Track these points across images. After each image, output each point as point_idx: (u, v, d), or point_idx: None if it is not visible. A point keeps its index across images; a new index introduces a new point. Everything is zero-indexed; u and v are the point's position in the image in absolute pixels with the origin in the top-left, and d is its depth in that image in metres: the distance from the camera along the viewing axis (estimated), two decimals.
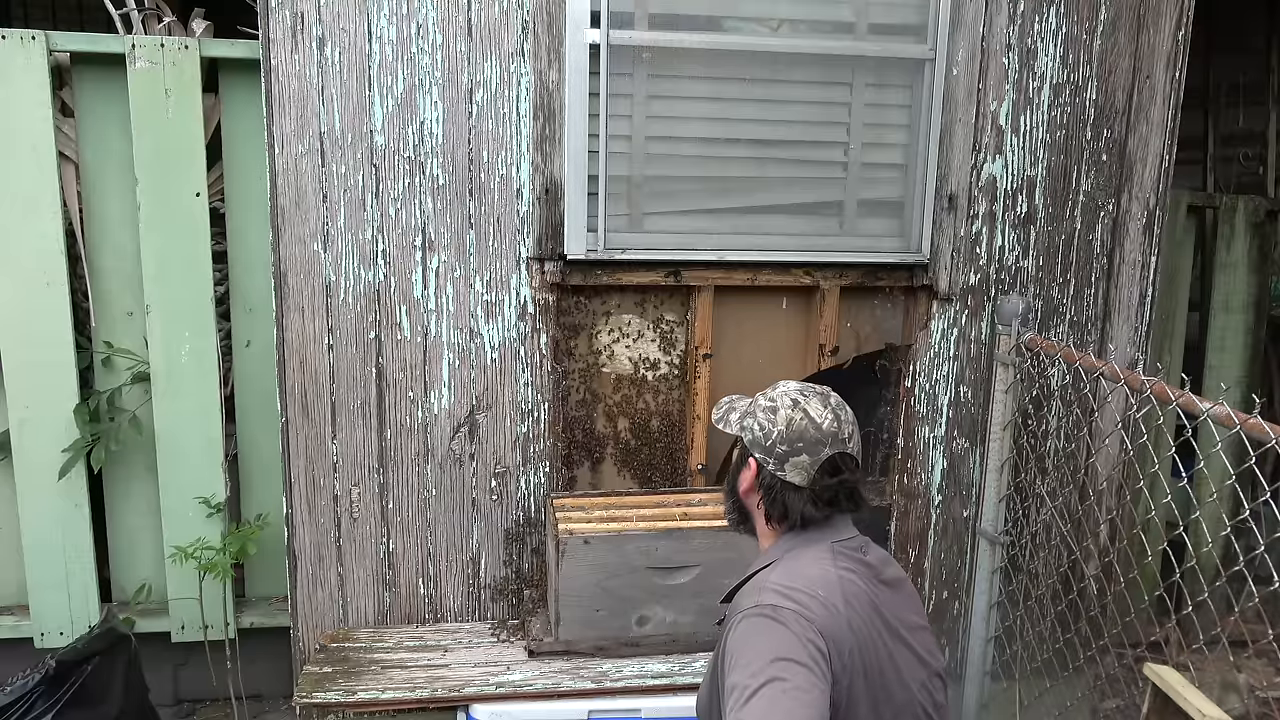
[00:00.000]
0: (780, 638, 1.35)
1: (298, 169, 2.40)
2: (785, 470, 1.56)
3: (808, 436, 1.56)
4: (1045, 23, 2.64)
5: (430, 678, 2.34)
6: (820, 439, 1.56)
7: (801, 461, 1.55)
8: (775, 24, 2.57)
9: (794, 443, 1.56)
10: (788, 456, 1.56)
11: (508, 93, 2.44)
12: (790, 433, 1.56)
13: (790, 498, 1.56)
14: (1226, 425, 1.79)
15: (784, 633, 1.35)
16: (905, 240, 2.70)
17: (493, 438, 2.60)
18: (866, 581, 1.51)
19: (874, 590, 1.51)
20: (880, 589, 1.53)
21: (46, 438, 2.73)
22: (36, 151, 2.62)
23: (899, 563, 2.83)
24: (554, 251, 2.52)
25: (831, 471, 1.56)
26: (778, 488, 1.57)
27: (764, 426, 1.58)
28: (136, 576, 2.94)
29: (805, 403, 1.59)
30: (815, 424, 1.57)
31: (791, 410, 1.58)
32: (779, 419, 1.58)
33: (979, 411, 2.81)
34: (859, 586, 1.48)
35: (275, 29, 2.34)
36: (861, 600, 1.46)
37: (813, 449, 1.56)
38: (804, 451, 1.55)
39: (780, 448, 1.56)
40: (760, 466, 1.59)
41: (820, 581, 1.45)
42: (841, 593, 1.44)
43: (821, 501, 1.56)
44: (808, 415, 1.57)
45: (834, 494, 1.57)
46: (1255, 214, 3.56)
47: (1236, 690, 3.07)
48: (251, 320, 2.84)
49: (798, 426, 1.56)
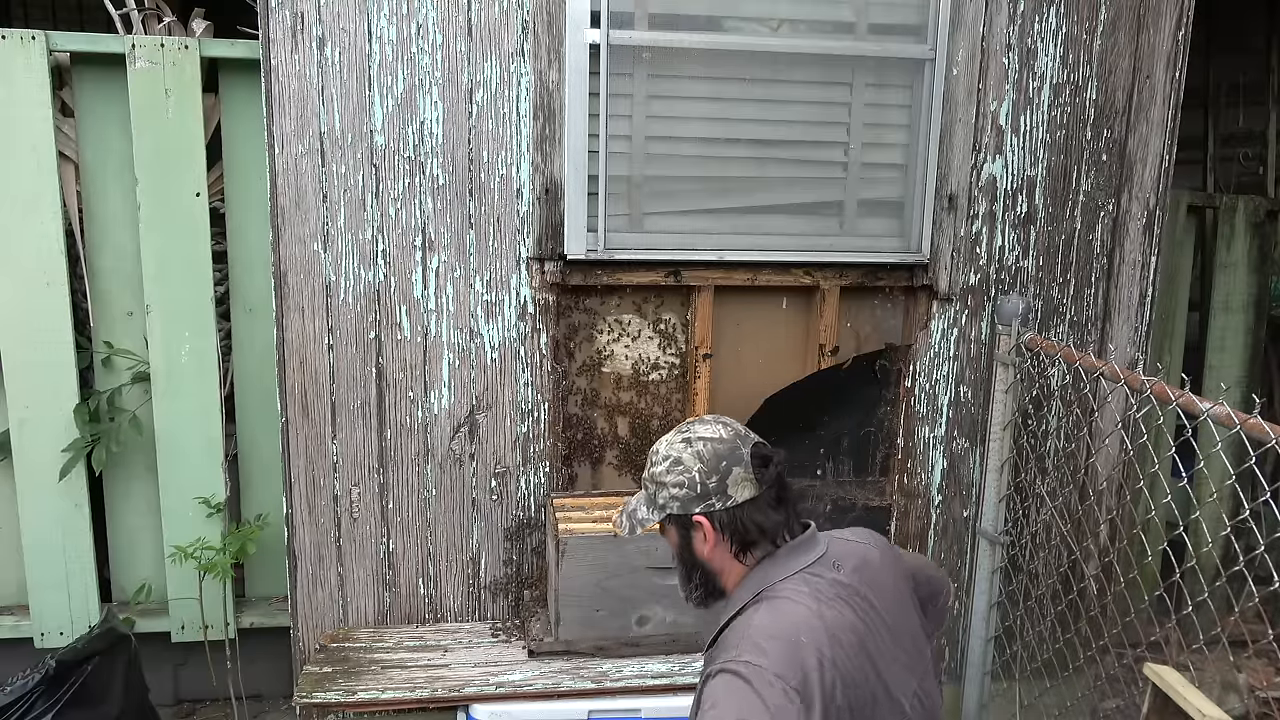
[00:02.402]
0: (749, 707, 1.32)
1: (298, 169, 2.40)
2: (732, 494, 1.52)
3: (722, 452, 1.53)
4: (1045, 23, 2.64)
5: (430, 678, 2.34)
6: (732, 445, 1.54)
7: (738, 475, 1.52)
8: (775, 24, 2.57)
9: (717, 466, 1.52)
10: (724, 481, 1.52)
11: (508, 93, 2.44)
12: (708, 463, 1.52)
13: (754, 515, 1.52)
14: (1226, 425, 1.79)
15: (754, 702, 1.32)
16: (905, 240, 2.70)
17: (493, 438, 2.60)
18: (849, 605, 1.46)
19: (858, 612, 1.46)
20: (863, 605, 1.48)
21: (46, 438, 2.73)
22: (36, 151, 2.62)
23: None
24: (554, 251, 2.52)
25: (764, 463, 1.54)
26: (740, 515, 1.52)
27: (683, 482, 1.53)
28: (136, 576, 2.94)
29: (692, 433, 1.56)
30: (717, 439, 1.54)
31: (688, 448, 1.54)
32: (688, 463, 1.53)
33: (979, 411, 2.81)
34: (844, 618, 1.44)
35: (275, 29, 2.34)
36: (846, 632, 1.42)
37: (735, 458, 1.53)
38: (732, 465, 1.52)
39: (712, 480, 1.52)
40: (710, 516, 1.52)
41: (804, 625, 1.40)
42: (825, 632, 1.40)
43: (775, 501, 1.54)
44: (704, 439, 1.54)
45: (778, 487, 1.54)
46: (1255, 214, 3.56)
47: (1236, 690, 3.07)
48: (251, 320, 2.84)
49: (708, 452, 1.53)
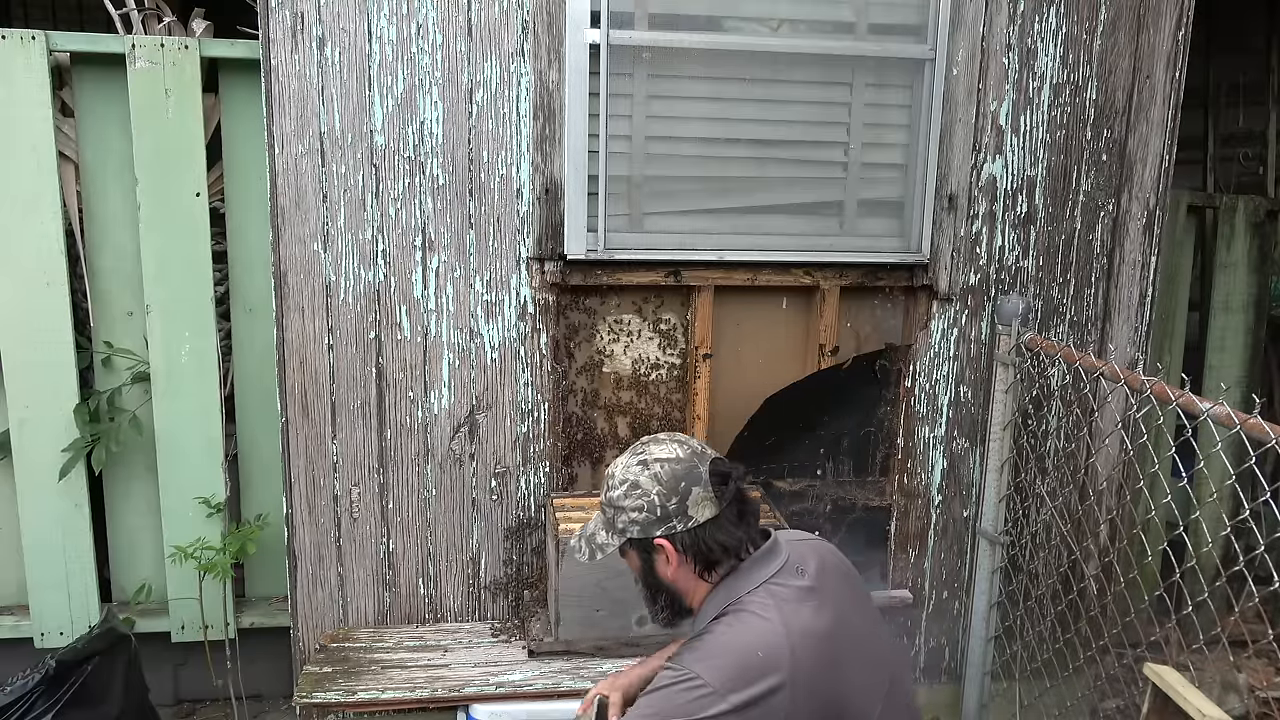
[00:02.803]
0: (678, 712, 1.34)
1: (298, 169, 2.40)
2: (693, 514, 1.50)
3: (680, 472, 1.51)
4: (1045, 23, 2.64)
5: (430, 678, 2.34)
6: (690, 464, 1.52)
7: (698, 495, 1.51)
8: (775, 24, 2.57)
9: (676, 487, 1.51)
10: (684, 502, 1.50)
11: (508, 93, 2.44)
12: (666, 484, 1.51)
13: (716, 534, 1.51)
14: (1226, 425, 1.79)
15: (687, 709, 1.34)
16: (905, 240, 2.70)
17: (493, 438, 2.60)
18: (817, 610, 1.46)
19: (826, 615, 1.46)
20: (830, 607, 1.48)
21: (46, 438, 2.73)
22: (36, 151, 2.62)
23: (900, 562, 2.85)
24: (554, 251, 2.52)
25: (723, 480, 1.53)
26: (702, 535, 1.51)
27: (642, 505, 1.51)
28: (136, 576, 2.94)
29: (649, 455, 1.54)
30: (674, 459, 1.53)
31: (645, 470, 1.53)
32: (646, 486, 1.51)
33: (979, 411, 2.81)
34: (812, 625, 1.43)
35: (275, 29, 2.34)
36: (814, 640, 1.42)
37: (694, 477, 1.51)
38: (691, 485, 1.51)
39: (671, 502, 1.50)
40: (671, 537, 1.51)
41: (765, 640, 1.40)
42: (789, 645, 1.40)
43: (737, 517, 1.53)
44: (661, 460, 1.53)
45: (738, 503, 1.53)
46: (1255, 214, 3.56)
47: (1236, 690, 3.07)
48: (251, 320, 2.84)
49: (666, 474, 1.51)
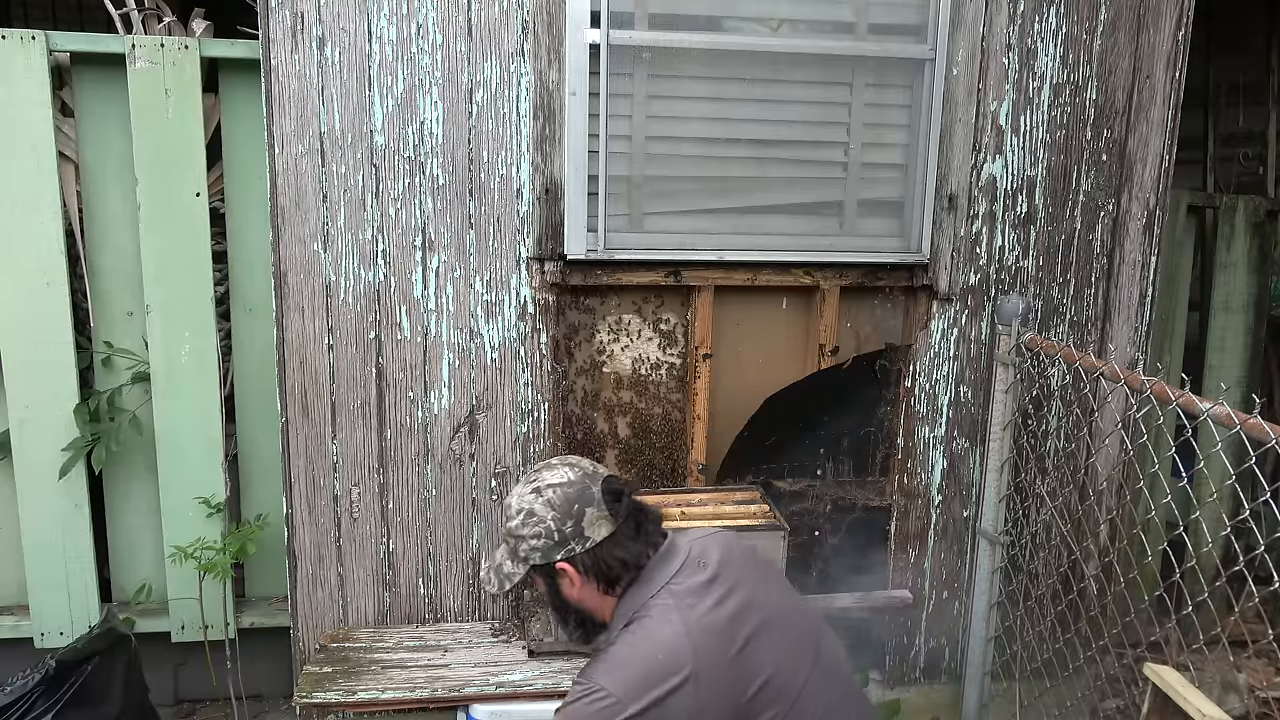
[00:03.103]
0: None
1: (298, 169, 2.40)
2: (590, 535, 1.54)
3: (572, 495, 1.55)
4: (1045, 23, 2.64)
5: (430, 678, 2.34)
6: (582, 486, 1.56)
7: (592, 515, 1.54)
8: (775, 24, 2.57)
9: (570, 510, 1.54)
10: (580, 524, 1.54)
11: (508, 93, 2.44)
12: (560, 509, 1.54)
13: (614, 550, 1.55)
14: (1226, 425, 1.79)
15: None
16: (905, 240, 2.70)
17: (493, 438, 2.60)
18: (721, 601, 1.50)
19: (731, 603, 1.50)
20: (736, 594, 1.52)
21: (46, 438, 2.73)
22: (36, 151, 2.62)
23: (900, 562, 2.85)
24: (554, 251, 2.52)
25: (616, 497, 1.57)
26: (601, 554, 1.54)
27: (539, 532, 1.55)
28: (136, 576, 2.94)
29: (541, 482, 1.58)
30: (566, 483, 1.56)
31: (539, 498, 1.56)
32: (541, 513, 1.55)
33: (979, 411, 2.81)
34: (715, 619, 1.48)
35: (275, 29, 2.34)
36: (712, 630, 1.47)
37: (587, 498, 1.55)
38: (585, 506, 1.54)
39: (567, 526, 1.54)
40: (572, 560, 1.55)
41: (665, 644, 1.45)
42: (691, 645, 1.44)
43: (634, 531, 1.57)
44: (553, 485, 1.56)
45: (634, 517, 1.58)
46: (1255, 214, 3.56)
47: (1236, 690, 3.07)
48: (251, 320, 2.84)
49: (559, 498, 1.55)
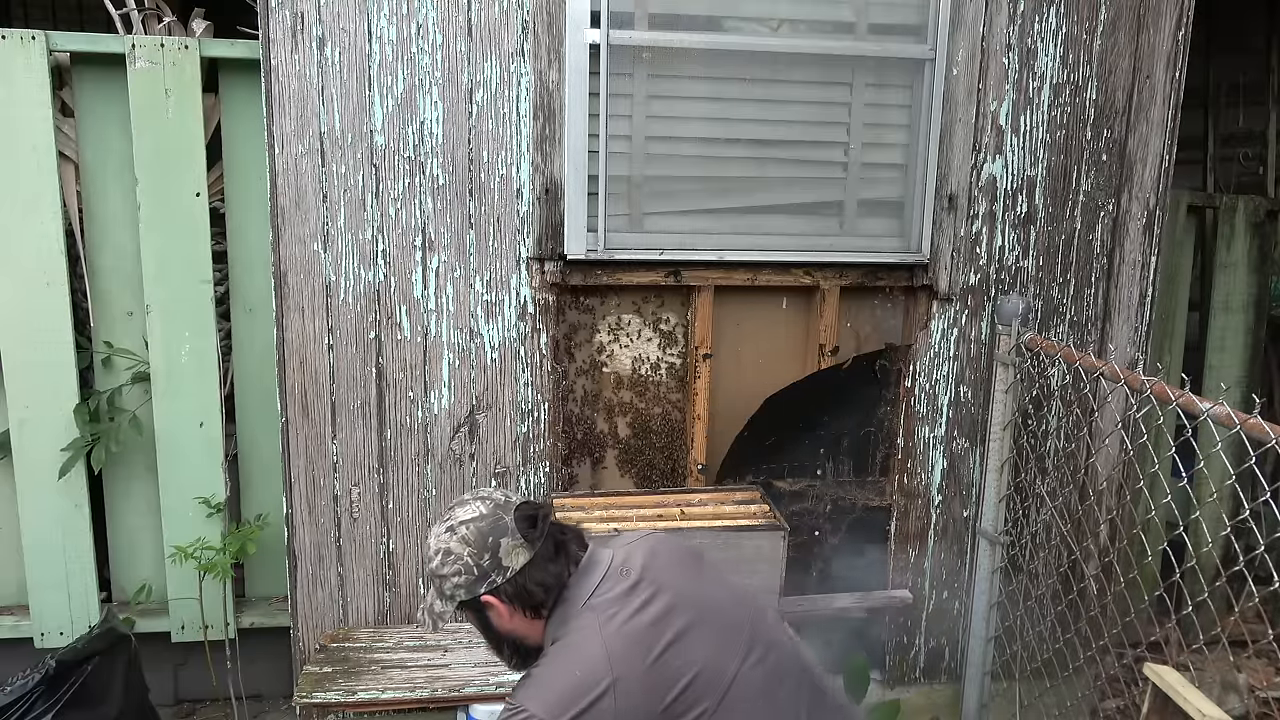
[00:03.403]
0: None
1: (298, 169, 2.40)
2: (508, 564, 1.56)
3: (485, 529, 1.57)
4: (1045, 23, 2.64)
5: (430, 678, 2.34)
6: (494, 518, 1.58)
7: (508, 545, 1.56)
8: (775, 24, 2.57)
9: (485, 544, 1.56)
10: (497, 555, 1.56)
11: (508, 93, 2.44)
12: (475, 544, 1.57)
13: (534, 576, 1.57)
14: (1226, 425, 1.79)
15: None
16: (905, 240, 2.70)
17: (493, 438, 2.60)
18: (641, 606, 1.52)
19: (656, 605, 1.52)
20: (661, 596, 1.54)
21: (46, 438, 2.73)
22: (36, 151, 2.62)
23: (900, 562, 2.85)
24: (554, 251, 2.52)
25: (530, 523, 1.59)
26: (522, 582, 1.57)
27: (459, 569, 1.57)
28: (136, 576, 2.94)
29: (454, 519, 1.60)
30: (478, 517, 1.58)
31: (453, 536, 1.58)
32: (458, 550, 1.57)
33: (979, 411, 2.81)
34: (637, 626, 1.50)
35: (275, 29, 2.34)
36: (632, 638, 1.49)
37: (500, 529, 1.57)
38: (499, 537, 1.57)
39: (485, 559, 1.56)
40: (495, 591, 1.57)
41: (581, 658, 1.48)
42: (606, 654, 1.47)
43: (553, 553, 1.59)
44: (465, 522, 1.59)
45: (552, 538, 1.60)
46: (1255, 214, 3.56)
47: (1236, 690, 3.07)
48: (251, 320, 2.84)
49: (473, 534, 1.57)
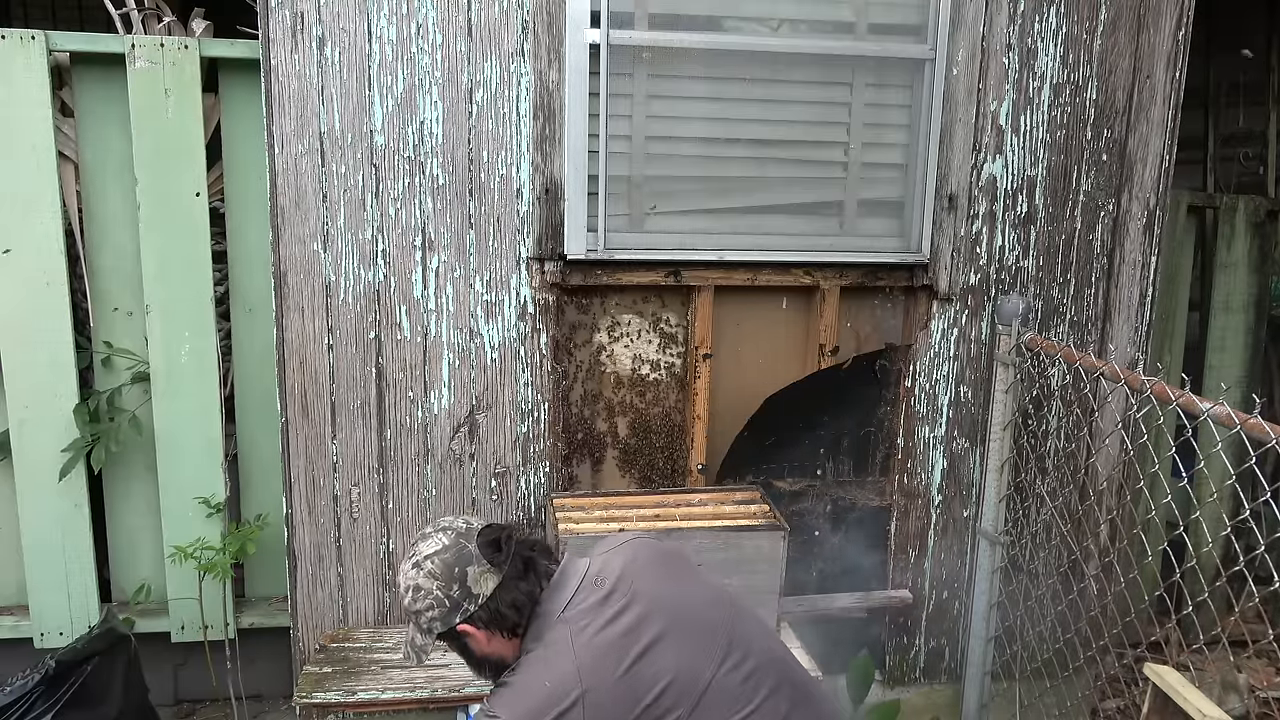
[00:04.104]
0: None
1: (298, 169, 2.40)
2: (479, 591, 1.59)
3: (450, 560, 1.60)
4: (1045, 22, 2.64)
5: (430, 678, 2.34)
6: (458, 548, 1.60)
7: (475, 573, 1.59)
8: (775, 24, 2.57)
9: (452, 575, 1.59)
10: (465, 584, 1.59)
11: (508, 93, 2.44)
12: (442, 577, 1.59)
13: (506, 598, 1.59)
14: (1226, 425, 1.79)
15: None
16: (905, 240, 2.70)
17: (493, 438, 2.60)
18: (613, 616, 1.54)
19: (629, 614, 1.54)
20: (635, 605, 1.56)
21: (46, 438, 2.73)
22: (36, 151, 2.62)
23: (900, 562, 2.85)
24: (554, 251, 2.52)
25: (495, 547, 1.61)
26: (494, 606, 1.59)
27: (431, 604, 1.60)
28: (136, 576, 2.94)
29: (418, 554, 1.62)
30: (441, 550, 1.61)
31: (419, 572, 1.61)
32: (426, 585, 1.60)
33: (979, 411, 2.81)
34: (602, 632, 1.52)
35: (275, 29, 2.34)
36: (602, 648, 1.51)
37: (465, 558, 1.60)
38: (465, 567, 1.59)
39: (454, 590, 1.59)
40: (469, 619, 1.60)
41: (550, 669, 1.51)
42: (575, 666, 1.49)
43: (522, 572, 1.61)
44: (430, 556, 1.61)
45: (520, 557, 1.62)
46: (1255, 214, 3.56)
47: (1236, 690, 3.07)
48: (251, 320, 2.84)
49: (439, 567, 1.60)
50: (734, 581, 2.22)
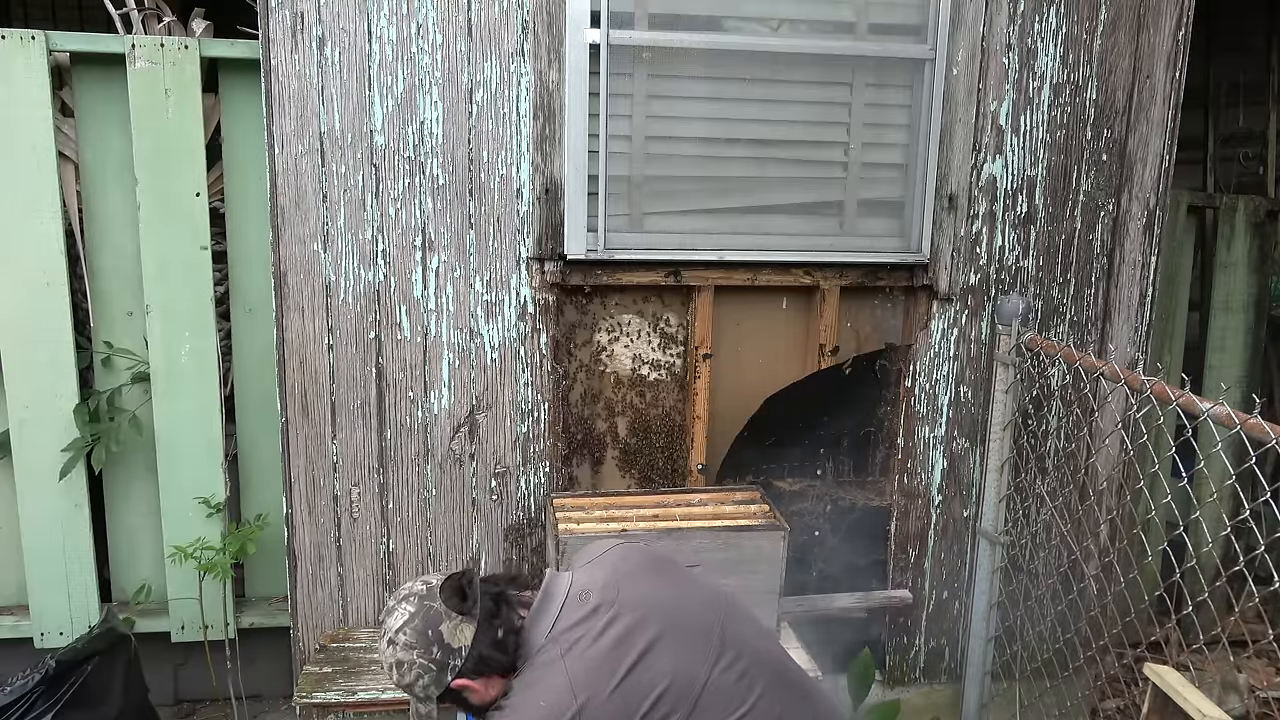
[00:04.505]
0: None
1: (298, 169, 2.40)
2: (458, 645, 1.58)
3: (420, 626, 1.60)
4: (1045, 22, 2.64)
5: None
6: (424, 610, 1.60)
7: (449, 628, 1.59)
8: (775, 24, 2.57)
9: (428, 637, 1.59)
10: (444, 643, 1.59)
11: (508, 93, 2.44)
12: (419, 645, 1.59)
13: (487, 640, 1.59)
14: (1226, 425, 1.79)
15: None
16: (905, 240, 2.70)
17: (493, 438, 2.60)
18: (602, 629, 1.54)
19: (615, 630, 1.54)
20: (624, 615, 1.56)
21: (46, 438, 2.73)
22: (36, 151, 2.62)
23: (900, 562, 2.85)
24: (554, 251, 2.52)
25: (460, 595, 1.62)
26: (478, 653, 1.59)
27: (419, 674, 1.60)
28: (136, 576, 2.94)
29: (389, 630, 1.62)
30: (409, 619, 1.60)
31: (395, 649, 1.61)
32: (407, 658, 1.60)
33: (979, 411, 2.81)
34: (591, 648, 1.52)
35: (275, 29, 2.34)
36: (593, 663, 1.51)
37: (434, 618, 1.60)
38: (438, 625, 1.59)
39: (435, 652, 1.59)
40: (459, 673, 1.59)
41: (545, 688, 1.51)
42: (568, 682, 1.49)
43: (494, 610, 1.61)
44: (401, 629, 1.61)
45: (489, 597, 1.62)
46: (1255, 214, 3.56)
47: (1236, 690, 3.07)
48: (251, 320, 2.84)
49: (412, 637, 1.60)
50: (734, 581, 2.22)
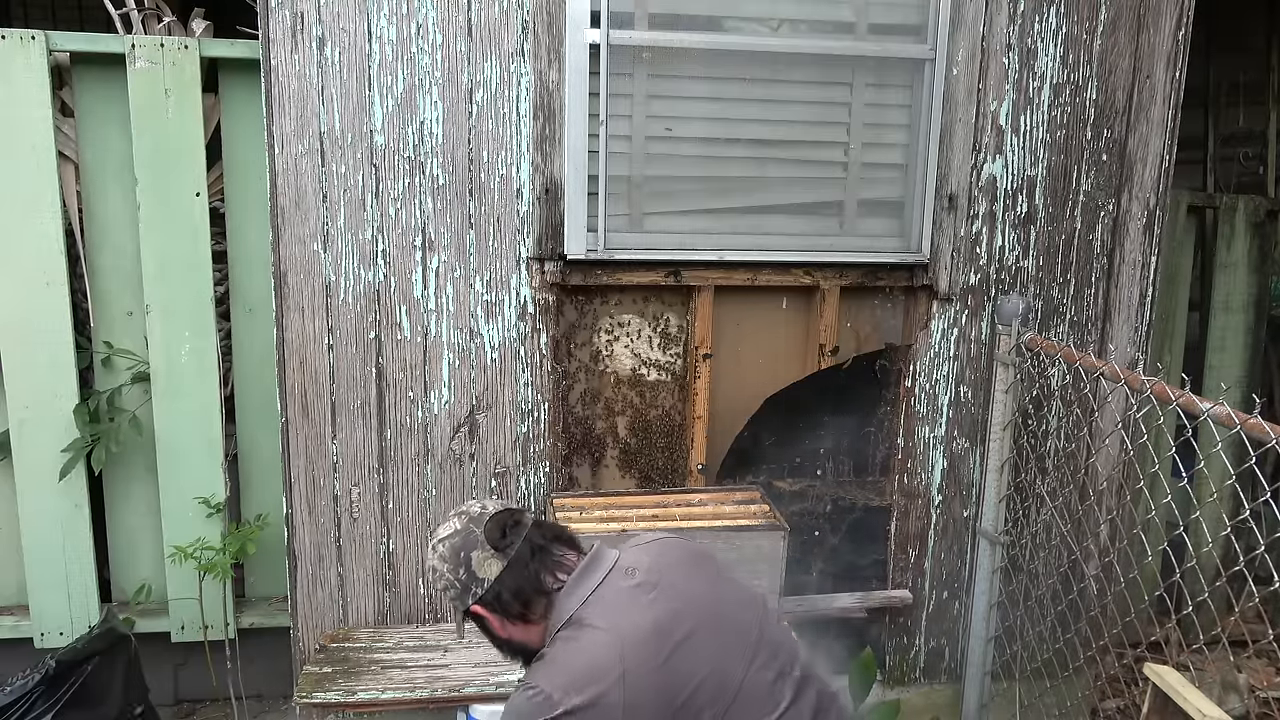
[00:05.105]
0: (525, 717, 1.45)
1: (298, 169, 2.40)
2: (483, 575, 1.59)
3: (457, 544, 1.61)
4: (1045, 22, 2.64)
5: (430, 678, 2.34)
6: (466, 533, 1.62)
7: (479, 557, 1.60)
8: (775, 24, 2.57)
9: (458, 559, 1.61)
10: (470, 569, 1.60)
11: (508, 93, 2.44)
12: (450, 560, 1.61)
13: (512, 584, 1.59)
14: (1226, 425, 1.79)
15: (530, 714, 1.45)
16: (905, 240, 2.70)
17: (493, 438, 2.60)
18: (650, 605, 1.53)
19: (661, 606, 1.53)
20: (667, 597, 1.55)
21: (46, 438, 2.73)
22: (36, 151, 2.62)
23: (900, 562, 2.85)
24: (554, 251, 2.52)
25: (501, 533, 1.62)
26: (501, 590, 1.59)
27: (445, 586, 1.63)
28: (136, 576, 2.94)
29: (435, 537, 1.67)
30: (451, 534, 1.63)
31: (434, 555, 1.65)
32: (439, 567, 1.63)
33: (979, 411, 2.81)
34: (644, 621, 1.51)
35: (275, 29, 2.34)
36: (640, 638, 1.49)
37: (470, 543, 1.61)
38: (470, 551, 1.60)
39: (461, 574, 1.60)
40: (482, 602, 1.60)
41: (595, 647, 1.49)
42: (620, 646, 1.48)
43: (531, 555, 1.60)
44: (442, 539, 1.64)
45: (529, 545, 1.61)
46: (1255, 214, 3.56)
47: (1236, 690, 3.07)
48: (251, 320, 2.84)
49: (448, 550, 1.62)
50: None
